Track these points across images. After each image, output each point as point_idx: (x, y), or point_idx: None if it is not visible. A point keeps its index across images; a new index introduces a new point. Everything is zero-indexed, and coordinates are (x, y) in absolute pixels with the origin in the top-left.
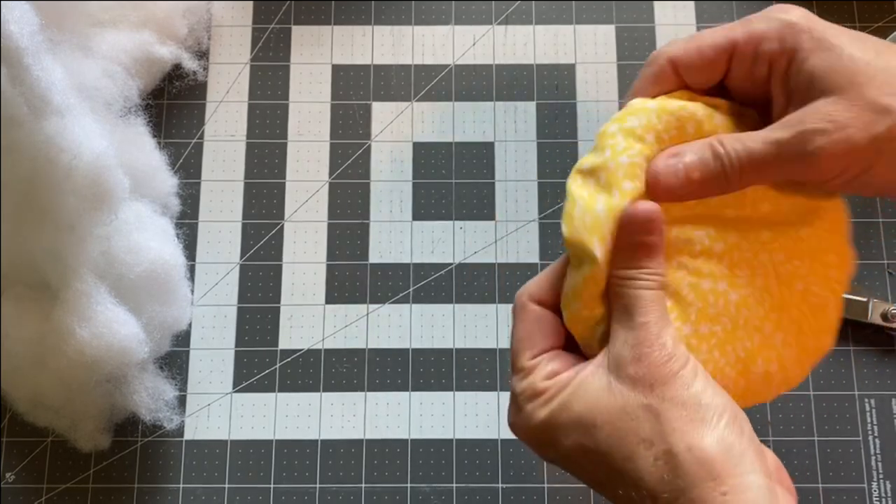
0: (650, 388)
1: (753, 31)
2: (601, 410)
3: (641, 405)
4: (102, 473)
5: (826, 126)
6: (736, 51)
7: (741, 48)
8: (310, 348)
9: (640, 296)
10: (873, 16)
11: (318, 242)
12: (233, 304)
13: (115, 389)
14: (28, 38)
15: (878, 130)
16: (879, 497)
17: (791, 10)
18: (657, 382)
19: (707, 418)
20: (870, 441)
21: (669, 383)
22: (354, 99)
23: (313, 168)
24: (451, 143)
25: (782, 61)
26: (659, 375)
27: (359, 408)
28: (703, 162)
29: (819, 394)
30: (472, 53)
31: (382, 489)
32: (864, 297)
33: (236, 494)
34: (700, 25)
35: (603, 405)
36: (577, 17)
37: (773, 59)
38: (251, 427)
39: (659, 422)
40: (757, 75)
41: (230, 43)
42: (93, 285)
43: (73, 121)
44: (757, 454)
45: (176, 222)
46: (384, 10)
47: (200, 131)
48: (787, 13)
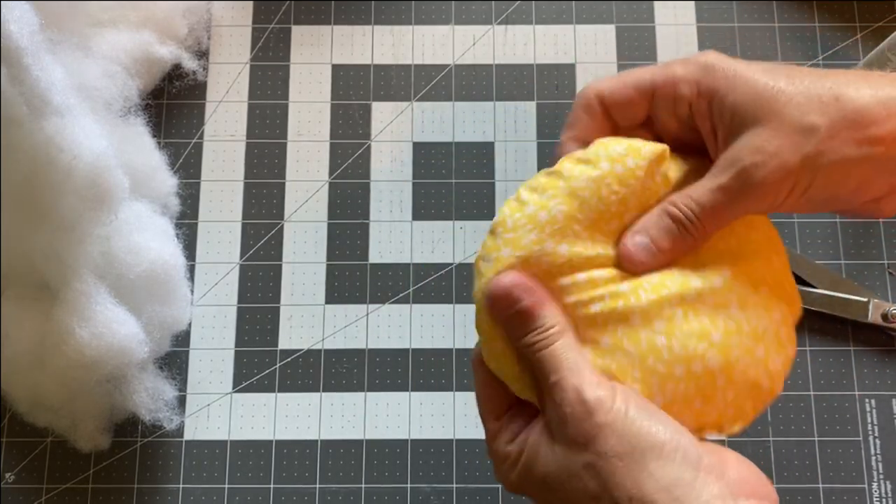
0: (585, 447)
1: (672, 75)
2: (552, 474)
3: (582, 464)
4: (102, 473)
5: (759, 158)
6: (656, 92)
7: (661, 90)
8: (310, 348)
9: (542, 358)
10: (873, 15)
11: (318, 242)
12: (233, 304)
13: (115, 389)
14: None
15: (807, 150)
16: (879, 497)
17: (706, 54)
18: (588, 440)
19: (645, 462)
20: (870, 441)
21: (599, 437)
22: (354, 99)
23: (313, 168)
24: (451, 143)
25: (702, 102)
26: (587, 432)
27: (359, 408)
28: (668, 230)
29: (819, 394)
30: (472, 53)
31: (382, 489)
32: (864, 297)
33: (236, 494)
34: (700, 25)
35: (552, 469)
36: (577, 17)
37: (693, 101)
38: (251, 427)
39: (601, 477)
40: (679, 115)
41: (230, 43)
42: (93, 285)
43: (72, 121)
44: (711, 473)
45: (176, 222)
46: (384, 10)
47: (200, 131)
48: (702, 56)
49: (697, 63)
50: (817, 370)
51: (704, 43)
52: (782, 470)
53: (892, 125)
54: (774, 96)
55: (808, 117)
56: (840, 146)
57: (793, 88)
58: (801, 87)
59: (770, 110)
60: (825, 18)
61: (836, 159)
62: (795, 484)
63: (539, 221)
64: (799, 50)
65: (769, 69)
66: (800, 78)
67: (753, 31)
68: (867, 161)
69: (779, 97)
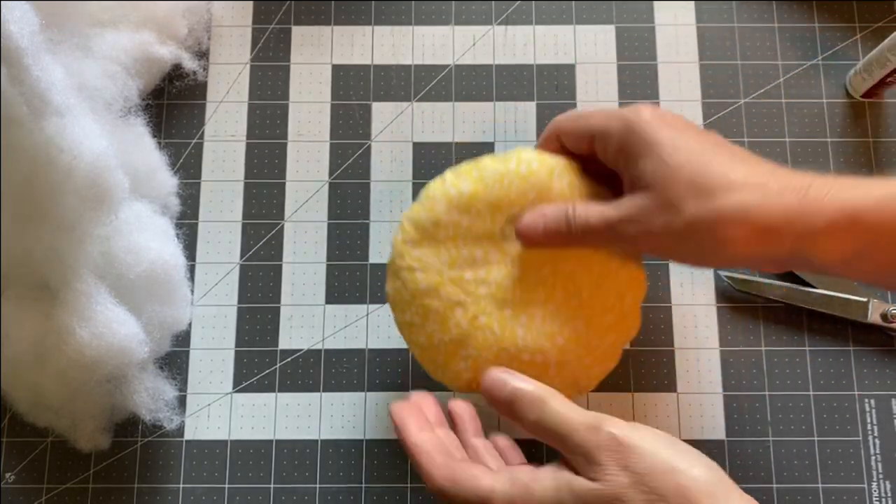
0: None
1: (607, 129)
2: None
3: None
4: (102, 473)
5: (636, 218)
6: (594, 139)
7: (598, 139)
8: (310, 348)
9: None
10: (873, 16)
11: (318, 242)
12: (233, 304)
13: (116, 389)
14: (28, 38)
15: (675, 226)
16: (879, 497)
17: (641, 113)
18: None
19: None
20: (870, 441)
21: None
22: (354, 99)
23: (313, 168)
24: (451, 143)
25: (622, 156)
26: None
27: (359, 408)
28: (557, 221)
29: (819, 394)
30: (472, 53)
31: (382, 489)
32: (863, 297)
33: (236, 494)
34: (700, 26)
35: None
36: (577, 18)
37: (616, 153)
38: (251, 427)
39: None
40: (608, 159)
41: (230, 43)
42: (93, 285)
43: (73, 121)
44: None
45: (176, 222)
46: (384, 10)
47: (200, 131)
48: (637, 115)
49: (626, 124)
50: (817, 370)
51: (704, 43)
52: (782, 470)
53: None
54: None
55: (683, 201)
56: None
57: (686, 169)
58: (695, 170)
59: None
60: (825, 18)
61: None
62: (795, 484)
63: (450, 195)
64: (799, 50)
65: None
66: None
67: (753, 31)
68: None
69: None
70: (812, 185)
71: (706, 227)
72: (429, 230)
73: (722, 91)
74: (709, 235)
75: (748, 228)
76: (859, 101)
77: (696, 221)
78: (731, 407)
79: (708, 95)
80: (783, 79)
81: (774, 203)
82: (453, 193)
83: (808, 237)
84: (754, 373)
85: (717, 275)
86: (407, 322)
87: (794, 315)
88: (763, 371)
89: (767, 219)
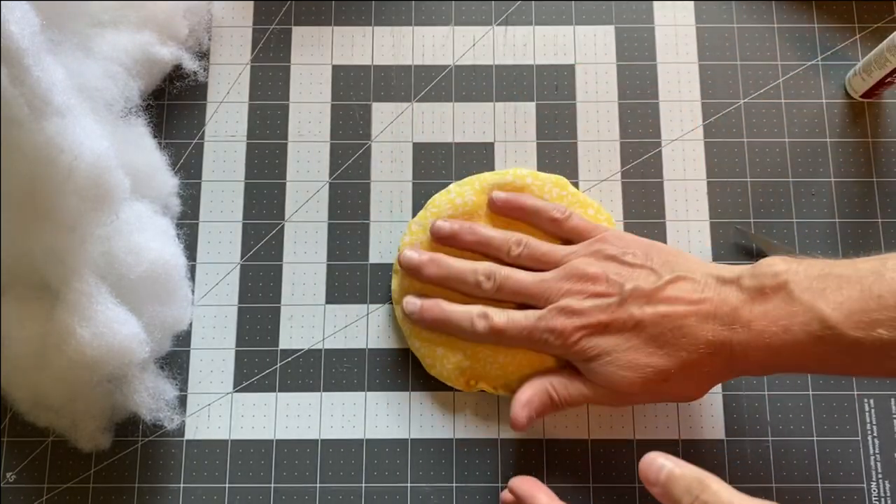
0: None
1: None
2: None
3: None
4: (103, 473)
5: (605, 399)
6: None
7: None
8: (310, 348)
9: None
10: (872, 16)
11: (318, 242)
12: (233, 304)
13: (116, 389)
14: (29, 38)
15: (621, 404)
16: (879, 497)
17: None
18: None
19: None
20: (869, 441)
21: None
22: (354, 99)
23: (313, 168)
24: (451, 143)
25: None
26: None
27: (359, 408)
28: (542, 402)
29: (818, 394)
30: (471, 54)
31: (382, 489)
32: None
33: (236, 494)
34: (699, 26)
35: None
36: (577, 18)
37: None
38: (251, 427)
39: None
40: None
41: (231, 43)
42: (93, 285)
43: (73, 121)
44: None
45: (176, 222)
46: (384, 11)
47: (201, 132)
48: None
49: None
50: None
51: (704, 43)
52: (781, 470)
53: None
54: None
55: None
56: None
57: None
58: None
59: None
60: (824, 19)
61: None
62: (795, 484)
63: (455, 204)
64: (798, 51)
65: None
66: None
67: (752, 31)
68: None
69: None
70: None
71: (665, 395)
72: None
73: (721, 91)
74: (658, 398)
75: (697, 391)
76: (859, 101)
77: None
78: (730, 407)
79: (707, 96)
80: (782, 79)
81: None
82: (458, 202)
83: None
84: None
85: None
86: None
87: None
88: None
89: (708, 378)
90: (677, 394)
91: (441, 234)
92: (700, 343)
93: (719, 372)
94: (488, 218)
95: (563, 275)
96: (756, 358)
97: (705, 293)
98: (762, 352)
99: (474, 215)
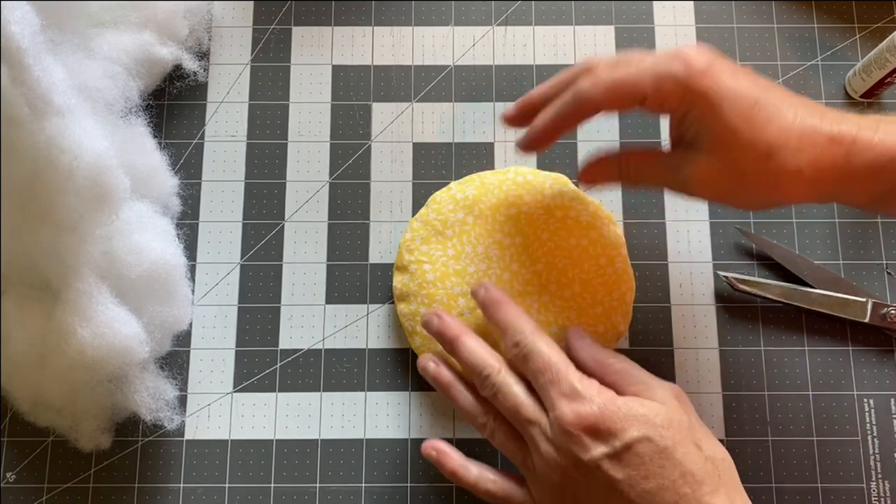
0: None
1: (661, 89)
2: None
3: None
4: (103, 473)
5: (696, 176)
6: (645, 101)
7: (650, 100)
8: (310, 348)
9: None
10: (872, 16)
11: (318, 242)
12: (233, 304)
13: (116, 389)
14: (29, 38)
15: (733, 183)
16: (878, 497)
17: (692, 65)
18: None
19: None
20: (868, 441)
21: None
22: (354, 99)
23: (313, 168)
24: (451, 143)
25: (679, 112)
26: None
27: (359, 408)
28: (605, 171)
29: (818, 394)
30: (471, 54)
31: (382, 489)
32: (862, 297)
33: (236, 494)
34: (699, 26)
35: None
36: (577, 18)
37: (673, 110)
38: (251, 427)
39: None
40: (659, 111)
41: (231, 43)
42: (94, 285)
43: (74, 121)
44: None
45: (177, 222)
46: (384, 11)
47: (201, 132)
48: (688, 70)
49: (683, 84)
50: (816, 370)
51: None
52: (781, 469)
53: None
54: (729, 138)
55: (743, 164)
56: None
57: (746, 135)
58: (753, 136)
59: (721, 147)
60: (824, 19)
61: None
62: (794, 483)
63: (456, 199)
64: (798, 51)
65: (745, 109)
66: (759, 126)
67: (752, 31)
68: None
69: (731, 140)
70: (856, 139)
71: (763, 184)
72: (436, 228)
73: None
74: (763, 189)
75: (800, 183)
76: (858, 101)
77: (753, 181)
78: (730, 407)
79: None
80: (782, 79)
81: (824, 159)
82: (459, 197)
83: (846, 182)
84: (753, 372)
85: (716, 275)
86: (412, 312)
87: (793, 315)
88: (762, 371)
89: (817, 174)
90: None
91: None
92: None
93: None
94: (488, 212)
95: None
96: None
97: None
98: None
99: (474, 210)
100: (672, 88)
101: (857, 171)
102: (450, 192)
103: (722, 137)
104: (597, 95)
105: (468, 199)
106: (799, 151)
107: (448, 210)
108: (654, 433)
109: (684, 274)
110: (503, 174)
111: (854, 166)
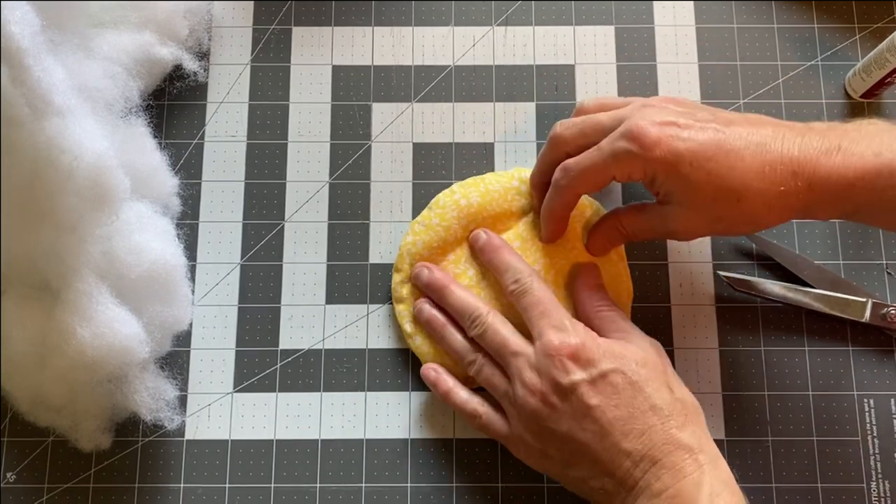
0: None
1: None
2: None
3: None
4: (103, 473)
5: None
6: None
7: (618, 177)
8: (310, 348)
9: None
10: (872, 16)
11: (318, 242)
12: (233, 304)
13: (117, 389)
14: (29, 38)
15: (715, 229)
16: (878, 497)
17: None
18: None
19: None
20: (868, 441)
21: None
22: (355, 99)
23: (313, 168)
24: (451, 143)
25: (647, 179)
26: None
27: (359, 408)
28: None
29: (818, 394)
30: (471, 54)
31: (382, 489)
32: (862, 297)
33: (236, 494)
34: (699, 26)
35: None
36: (577, 18)
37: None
38: (251, 427)
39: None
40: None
41: (231, 44)
42: (94, 285)
43: (74, 121)
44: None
45: (177, 223)
46: (384, 11)
47: (201, 132)
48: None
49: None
50: (816, 370)
51: (704, 43)
52: (781, 469)
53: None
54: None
55: (717, 210)
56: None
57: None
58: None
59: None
60: (824, 19)
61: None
62: (795, 483)
63: (460, 206)
64: (798, 51)
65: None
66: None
67: (752, 31)
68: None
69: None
70: (816, 169)
71: (740, 221)
72: (439, 233)
73: (721, 91)
74: (742, 225)
75: (771, 214)
76: (858, 101)
77: (730, 222)
78: (730, 407)
79: (707, 96)
80: (782, 79)
81: (789, 193)
82: (463, 203)
83: (813, 207)
84: (753, 372)
85: (716, 275)
86: (411, 314)
87: (793, 315)
88: (762, 371)
89: (785, 203)
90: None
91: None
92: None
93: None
94: (491, 220)
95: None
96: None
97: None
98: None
99: (477, 218)
100: (633, 163)
101: (821, 197)
102: (453, 197)
103: (689, 194)
104: (573, 187)
105: (472, 207)
106: (764, 191)
107: (451, 217)
108: (627, 368)
109: (684, 274)
110: (508, 179)
111: (818, 194)
